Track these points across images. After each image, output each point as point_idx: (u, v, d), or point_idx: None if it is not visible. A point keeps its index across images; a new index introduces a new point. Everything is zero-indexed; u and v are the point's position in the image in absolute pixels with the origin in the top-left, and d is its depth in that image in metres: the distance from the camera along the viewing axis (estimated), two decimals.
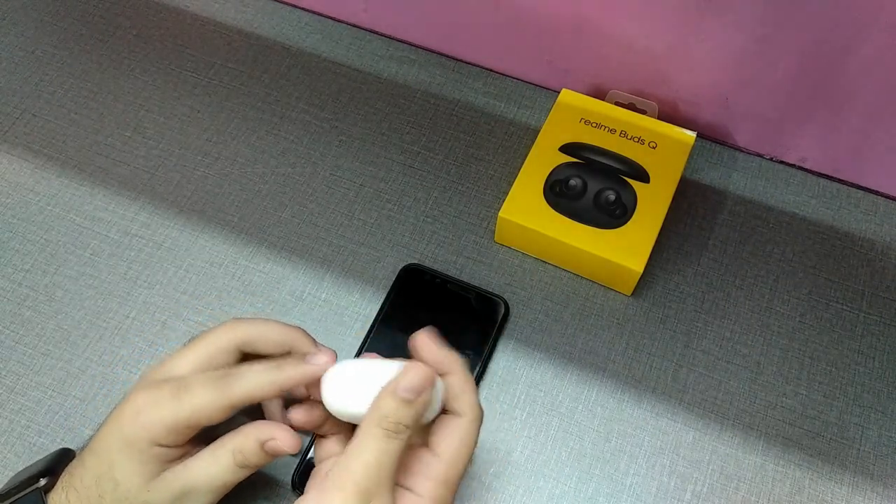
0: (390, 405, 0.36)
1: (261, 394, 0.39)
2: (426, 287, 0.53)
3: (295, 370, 0.40)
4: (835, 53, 0.50)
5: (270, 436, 0.39)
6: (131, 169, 0.59)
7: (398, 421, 0.36)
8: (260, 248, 0.55)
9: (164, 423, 0.38)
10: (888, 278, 0.54)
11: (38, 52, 0.65)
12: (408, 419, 0.36)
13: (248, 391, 0.39)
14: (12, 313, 0.52)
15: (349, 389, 0.39)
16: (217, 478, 0.39)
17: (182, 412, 0.38)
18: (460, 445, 0.38)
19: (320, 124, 0.61)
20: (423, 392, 0.36)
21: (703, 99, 0.57)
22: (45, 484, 0.39)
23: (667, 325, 0.52)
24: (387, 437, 0.36)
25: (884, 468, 0.48)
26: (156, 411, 0.38)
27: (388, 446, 0.36)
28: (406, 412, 0.36)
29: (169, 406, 0.38)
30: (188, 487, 0.38)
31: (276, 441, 0.39)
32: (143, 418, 0.38)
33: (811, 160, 0.58)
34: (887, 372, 0.51)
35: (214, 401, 0.38)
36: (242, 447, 0.39)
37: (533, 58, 0.61)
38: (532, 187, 0.53)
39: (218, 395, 0.38)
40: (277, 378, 0.39)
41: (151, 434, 0.38)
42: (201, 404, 0.38)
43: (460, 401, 0.39)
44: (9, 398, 0.49)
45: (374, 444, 0.35)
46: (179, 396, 0.38)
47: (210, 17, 0.66)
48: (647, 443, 0.48)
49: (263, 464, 0.40)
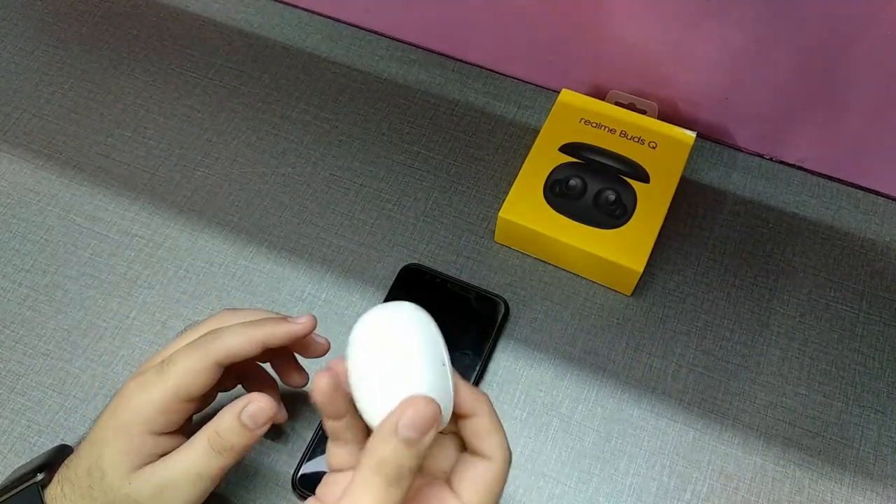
0: (390, 448, 0.31)
1: (239, 348, 0.39)
2: (426, 287, 0.53)
3: (273, 326, 0.39)
4: (834, 54, 0.50)
5: (245, 403, 0.38)
6: (131, 169, 0.59)
7: (400, 465, 0.31)
8: (260, 248, 0.55)
9: (153, 403, 0.38)
10: (888, 278, 0.54)
11: (38, 52, 0.65)
12: (411, 461, 0.32)
13: (227, 347, 0.38)
14: (12, 313, 0.53)
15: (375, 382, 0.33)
16: (193, 467, 0.37)
17: (168, 385, 0.38)
18: (488, 493, 0.35)
19: (320, 124, 0.61)
20: (429, 430, 0.32)
21: (703, 99, 0.57)
22: (42, 478, 0.39)
23: (667, 325, 0.52)
24: (387, 485, 0.31)
25: (884, 468, 0.48)
26: (145, 393, 0.38)
27: (390, 496, 0.31)
28: (408, 454, 0.32)
29: (156, 384, 0.38)
30: (166, 480, 0.37)
31: (250, 405, 0.37)
32: (133, 403, 0.38)
33: (811, 160, 0.58)
34: (887, 372, 0.51)
35: (195, 363, 0.38)
36: (218, 427, 0.38)
37: (533, 58, 0.61)
38: (532, 187, 0.53)
39: (199, 357, 0.38)
40: (255, 333, 0.39)
41: (143, 417, 0.37)
42: (184, 371, 0.38)
43: (488, 442, 0.36)
44: (9, 398, 0.49)
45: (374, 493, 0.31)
46: (163, 371, 0.38)
47: (210, 17, 0.66)
48: (647, 443, 0.48)
49: (244, 444, 0.38)
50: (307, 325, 0.41)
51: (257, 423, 0.38)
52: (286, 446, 0.48)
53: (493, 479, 0.35)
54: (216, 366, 0.38)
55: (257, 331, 0.39)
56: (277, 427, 0.48)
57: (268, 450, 0.48)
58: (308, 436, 0.48)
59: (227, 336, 0.39)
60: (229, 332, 0.39)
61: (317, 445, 0.47)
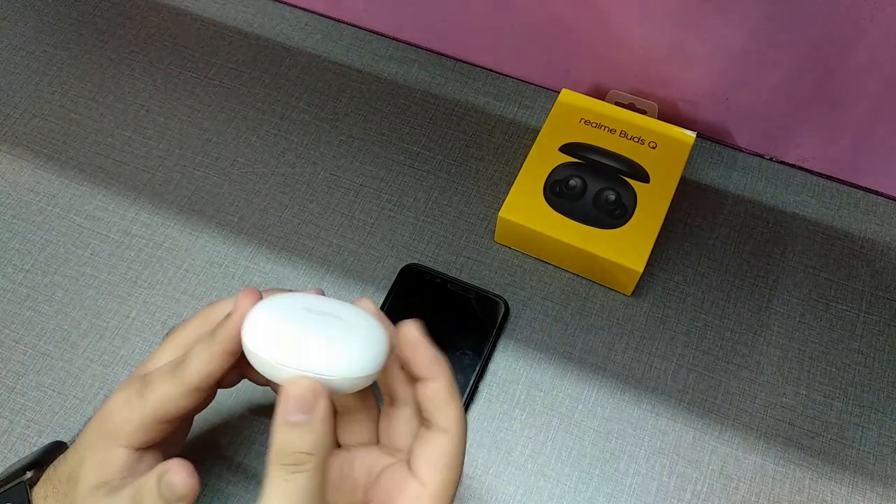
0: (284, 436, 0.31)
1: (210, 369, 0.36)
2: (426, 287, 0.53)
3: (224, 331, 0.36)
4: (834, 53, 0.50)
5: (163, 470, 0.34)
6: (131, 169, 0.59)
7: (298, 451, 0.31)
8: (260, 248, 0.55)
9: (132, 423, 0.37)
10: (888, 278, 0.54)
11: (38, 52, 0.65)
12: (309, 444, 0.32)
13: (198, 371, 0.36)
14: (12, 313, 0.53)
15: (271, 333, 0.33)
16: None
17: (147, 408, 0.37)
18: (448, 471, 0.34)
19: (320, 124, 0.61)
20: (315, 405, 0.32)
21: (703, 99, 0.58)
22: (30, 477, 0.39)
23: (667, 325, 0.52)
24: (290, 473, 0.31)
25: (884, 468, 0.48)
26: (126, 410, 0.37)
27: (296, 484, 0.31)
28: (305, 437, 0.31)
29: (136, 404, 0.37)
30: None
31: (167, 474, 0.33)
32: (115, 418, 0.37)
33: (811, 160, 0.58)
34: (887, 372, 0.51)
35: (173, 390, 0.37)
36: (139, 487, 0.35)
37: (533, 58, 0.61)
38: (532, 187, 0.53)
39: (175, 383, 0.37)
40: (215, 348, 0.36)
41: (123, 432, 0.37)
42: (162, 397, 0.37)
43: (444, 413, 0.35)
44: (9, 398, 0.49)
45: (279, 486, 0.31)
46: (142, 394, 0.37)
47: (210, 17, 0.66)
48: (647, 443, 0.48)
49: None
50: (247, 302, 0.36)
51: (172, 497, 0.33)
52: None
53: (451, 455, 0.34)
54: (194, 391, 0.37)
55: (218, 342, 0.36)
56: None
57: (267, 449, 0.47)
58: None
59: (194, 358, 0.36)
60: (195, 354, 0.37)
61: None
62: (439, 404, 0.35)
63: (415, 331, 0.36)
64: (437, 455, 0.34)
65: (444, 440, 0.35)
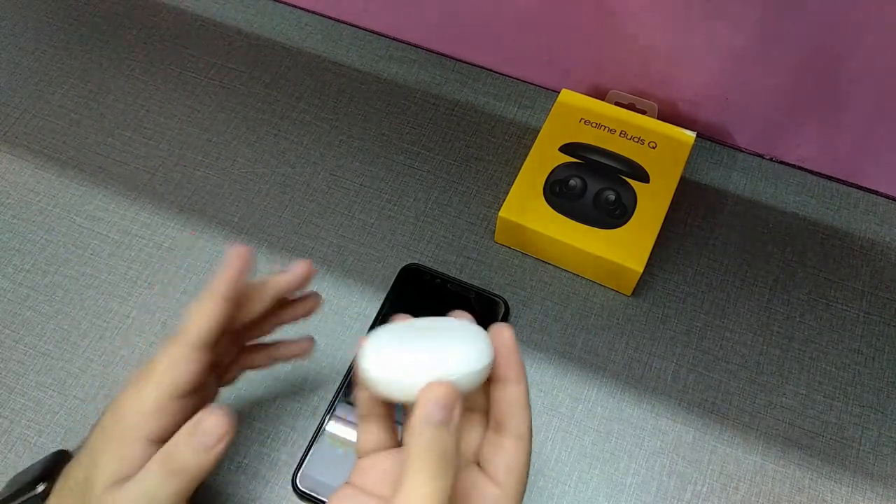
0: (432, 435, 0.31)
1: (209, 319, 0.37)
2: (426, 287, 0.53)
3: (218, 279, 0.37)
4: (834, 53, 0.50)
5: (197, 420, 0.36)
6: (131, 169, 0.59)
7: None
8: (260, 248, 0.55)
9: (146, 405, 0.36)
10: (888, 278, 0.54)
11: (38, 52, 0.65)
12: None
13: (196, 322, 0.37)
14: (12, 313, 0.53)
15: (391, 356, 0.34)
16: (144, 494, 0.35)
17: (156, 384, 0.37)
18: (521, 475, 0.35)
19: (320, 124, 0.61)
20: (454, 405, 0.32)
21: (703, 99, 0.58)
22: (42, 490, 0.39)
23: (667, 325, 0.52)
24: (441, 472, 0.31)
25: (884, 468, 0.48)
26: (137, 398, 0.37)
27: (444, 483, 0.31)
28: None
29: (146, 385, 0.37)
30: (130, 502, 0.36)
31: (203, 422, 0.35)
32: (128, 410, 0.37)
33: (811, 160, 0.58)
34: (887, 372, 0.51)
35: (176, 353, 0.37)
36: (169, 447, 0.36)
37: (533, 58, 0.61)
38: (532, 187, 0.53)
39: (179, 346, 0.37)
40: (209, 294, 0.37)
41: (138, 422, 0.36)
42: (168, 364, 0.37)
43: (520, 418, 0.36)
44: (9, 398, 0.49)
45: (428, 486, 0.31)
46: (149, 371, 0.37)
47: (210, 17, 0.66)
48: (647, 443, 0.48)
49: (199, 465, 0.35)
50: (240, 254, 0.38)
51: (209, 442, 0.35)
52: (286, 446, 0.48)
53: (523, 459, 0.35)
54: (197, 348, 0.37)
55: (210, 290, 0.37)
56: (277, 427, 0.48)
57: (268, 450, 0.48)
58: (308, 436, 0.48)
59: (192, 314, 0.37)
60: (191, 311, 0.38)
61: (317, 445, 0.47)
62: (518, 409, 0.36)
63: (509, 331, 0.36)
64: (514, 461, 0.35)
65: (519, 445, 0.35)
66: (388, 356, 0.34)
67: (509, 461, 0.35)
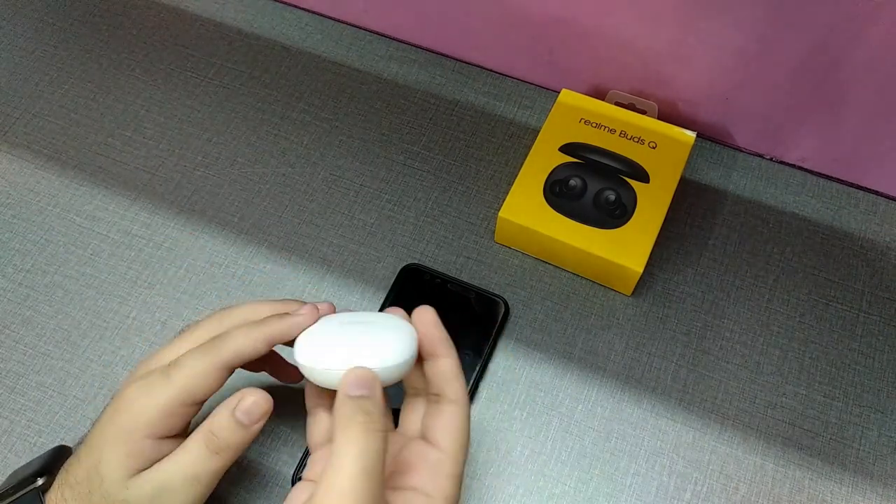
0: (353, 404, 0.35)
1: (249, 349, 0.38)
2: (426, 287, 0.53)
3: (279, 323, 0.39)
4: (834, 53, 0.50)
5: (238, 399, 0.38)
6: (131, 169, 0.59)
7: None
8: (260, 248, 0.55)
9: (157, 407, 0.37)
10: (888, 278, 0.54)
11: (38, 52, 0.65)
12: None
13: (236, 348, 0.38)
14: (12, 313, 0.53)
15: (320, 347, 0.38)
16: (190, 469, 0.37)
17: (174, 389, 0.37)
18: (460, 436, 0.38)
19: (320, 124, 0.61)
20: (374, 384, 0.36)
21: (703, 99, 0.58)
22: (42, 483, 0.39)
23: (667, 325, 0.52)
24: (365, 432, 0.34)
25: (884, 468, 0.48)
26: (148, 397, 0.37)
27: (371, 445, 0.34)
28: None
29: (161, 388, 0.37)
30: (164, 483, 0.37)
31: (244, 400, 0.37)
32: (136, 407, 0.37)
33: (811, 160, 0.58)
34: (887, 372, 0.51)
35: (205, 366, 0.38)
36: (212, 426, 0.37)
37: (533, 58, 0.61)
38: (532, 187, 0.53)
39: (208, 360, 0.38)
40: (262, 331, 0.39)
41: (145, 421, 0.37)
42: (192, 374, 0.37)
43: (454, 386, 0.39)
44: (9, 398, 0.49)
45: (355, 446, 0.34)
46: (169, 374, 0.38)
47: (210, 17, 0.66)
48: (647, 443, 0.48)
49: (240, 442, 0.38)
50: (310, 315, 0.40)
51: (252, 419, 0.38)
52: (286, 446, 0.48)
53: (463, 422, 0.38)
54: (226, 368, 0.38)
55: (265, 328, 0.39)
56: (277, 426, 0.48)
57: (268, 450, 0.48)
58: None
59: (235, 337, 0.39)
60: (237, 333, 0.39)
61: None
62: (450, 379, 0.39)
63: (430, 312, 0.40)
64: (451, 423, 0.38)
65: (455, 409, 0.38)
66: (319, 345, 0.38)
67: (447, 424, 0.38)
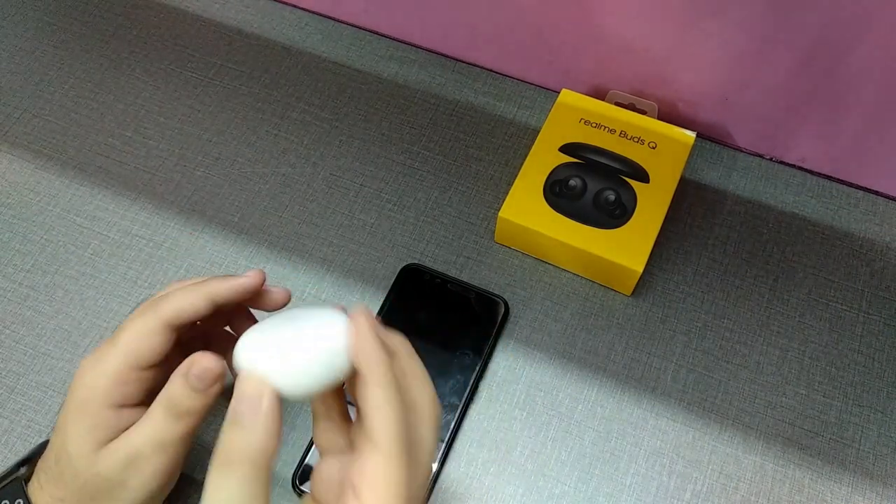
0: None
1: (187, 306, 0.38)
2: (426, 287, 0.53)
3: (219, 281, 0.39)
4: (834, 53, 0.50)
5: (189, 365, 0.36)
6: (131, 169, 0.59)
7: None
8: (260, 248, 0.55)
9: (107, 375, 0.37)
10: (888, 278, 0.54)
11: (38, 52, 0.65)
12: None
13: (175, 306, 0.38)
14: (12, 313, 0.53)
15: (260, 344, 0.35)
16: (155, 435, 0.37)
17: (120, 353, 0.37)
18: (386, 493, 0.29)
19: (320, 124, 0.61)
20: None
21: (703, 99, 0.58)
22: (24, 473, 0.39)
23: (667, 325, 0.52)
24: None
25: (884, 468, 0.48)
26: (98, 366, 0.37)
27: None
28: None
29: (108, 354, 0.37)
30: (133, 451, 0.37)
31: (194, 366, 0.36)
32: (88, 378, 0.37)
33: (811, 160, 0.58)
34: (887, 372, 0.51)
35: (147, 326, 0.37)
36: (169, 393, 0.37)
37: (533, 58, 0.61)
38: (532, 187, 0.53)
39: (147, 319, 0.37)
40: (202, 289, 0.38)
41: (100, 391, 0.37)
42: (134, 335, 0.37)
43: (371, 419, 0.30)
44: (9, 398, 0.49)
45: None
46: (114, 339, 0.38)
47: (210, 17, 0.66)
48: (647, 443, 0.48)
49: (201, 406, 0.37)
50: (254, 278, 0.40)
51: (206, 384, 0.36)
52: (286, 446, 0.48)
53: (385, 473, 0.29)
54: (166, 327, 0.38)
55: (204, 286, 0.39)
56: None
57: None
58: (308, 435, 0.48)
59: (174, 296, 0.38)
60: (177, 291, 0.39)
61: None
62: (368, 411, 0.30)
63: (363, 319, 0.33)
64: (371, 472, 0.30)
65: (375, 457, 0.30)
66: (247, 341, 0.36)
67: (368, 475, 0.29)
